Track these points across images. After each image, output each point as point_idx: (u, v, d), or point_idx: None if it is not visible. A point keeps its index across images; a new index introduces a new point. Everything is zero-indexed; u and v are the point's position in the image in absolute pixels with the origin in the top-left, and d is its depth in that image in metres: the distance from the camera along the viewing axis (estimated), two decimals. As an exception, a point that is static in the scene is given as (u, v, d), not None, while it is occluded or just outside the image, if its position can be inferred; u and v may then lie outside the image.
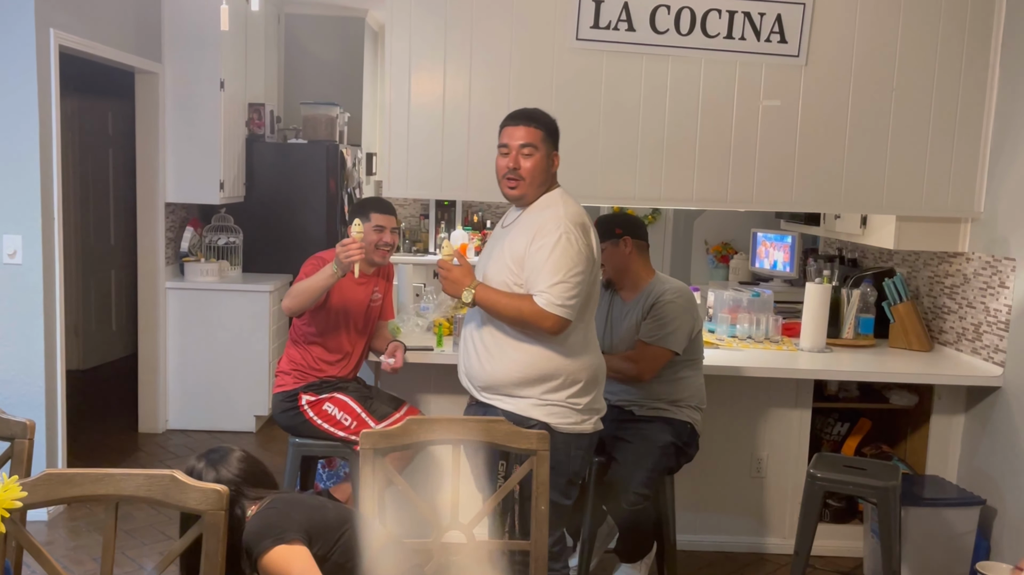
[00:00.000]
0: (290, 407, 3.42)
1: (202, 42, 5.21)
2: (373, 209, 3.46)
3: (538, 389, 2.62)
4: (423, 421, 2.10)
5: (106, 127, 6.97)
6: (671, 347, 3.11)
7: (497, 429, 2.11)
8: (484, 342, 2.70)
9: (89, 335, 6.89)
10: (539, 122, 2.68)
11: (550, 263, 2.53)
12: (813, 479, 3.15)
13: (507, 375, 2.63)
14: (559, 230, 2.54)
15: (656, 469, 3.07)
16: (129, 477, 1.69)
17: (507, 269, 2.64)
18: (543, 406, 2.62)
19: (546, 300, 2.52)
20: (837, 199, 3.81)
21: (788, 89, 3.73)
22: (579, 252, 2.54)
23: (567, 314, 2.53)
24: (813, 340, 3.93)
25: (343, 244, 3.09)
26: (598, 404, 2.72)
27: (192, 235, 5.57)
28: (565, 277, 2.52)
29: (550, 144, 2.69)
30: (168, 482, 1.69)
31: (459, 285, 2.66)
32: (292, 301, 3.28)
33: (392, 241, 3.48)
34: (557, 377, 2.61)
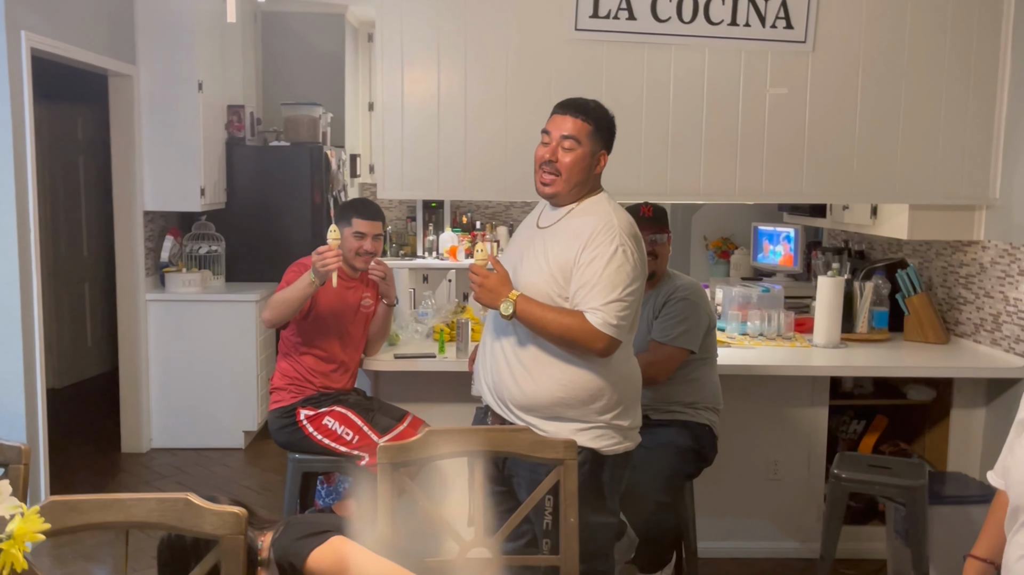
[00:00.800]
0: (288, 423, 3.37)
1: (178, 42, 5.15)
2: (355, 213, 3.40)
3: (581, 411, 2.45)
4: (443, 432, 2.06)
5: (75, 134, 6.87)
6: (687, 346, 3.08)
7: (520, 439, 2.08)
8: (520, 358, 2.50)
9: (63, 352, 6.79)
10: (590, 115, 2.50)
11: (605, 278, 2.37)
12: (838, 480, 3.14)
13: (549, 396, 2.45)
14: (615, 242, 2.39)
15: (676, 475, 3.05)
16: (140, 502, 1.64)
17: (552, 280, 2.45)
18: (587, 430, 2.45)
19: (601, 319, 2.35)
20: (849, 189, 3.80)
21: (795, 76, 3.72)
22: (634, 267, 2.40)
23: (618, 334, 2.38)
24: (828, 335, 3.92)
25: (319, 252, 3.04)
26: (638, 422, 2.60)
27: (172, 244, 5.49)
28: (621, 295, 2.37)
29: (598, 142, 2.50)
30: (182, 506, 1.65)
31: (496, 295, 2.46)
32: (271, 312, 3.22)
33: (373, 249, 3.41)
34: (600, 398, 2.45)
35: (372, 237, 3.41)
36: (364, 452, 3.30)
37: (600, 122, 2.52)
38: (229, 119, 5.76)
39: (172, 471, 5.00)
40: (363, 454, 3.30)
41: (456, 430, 2.10)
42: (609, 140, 2.55)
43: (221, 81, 5.63)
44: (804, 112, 3.74)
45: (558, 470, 2.07)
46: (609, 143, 2.56)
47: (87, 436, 5.59)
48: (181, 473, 4.97)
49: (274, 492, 4.64)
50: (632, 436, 2.56)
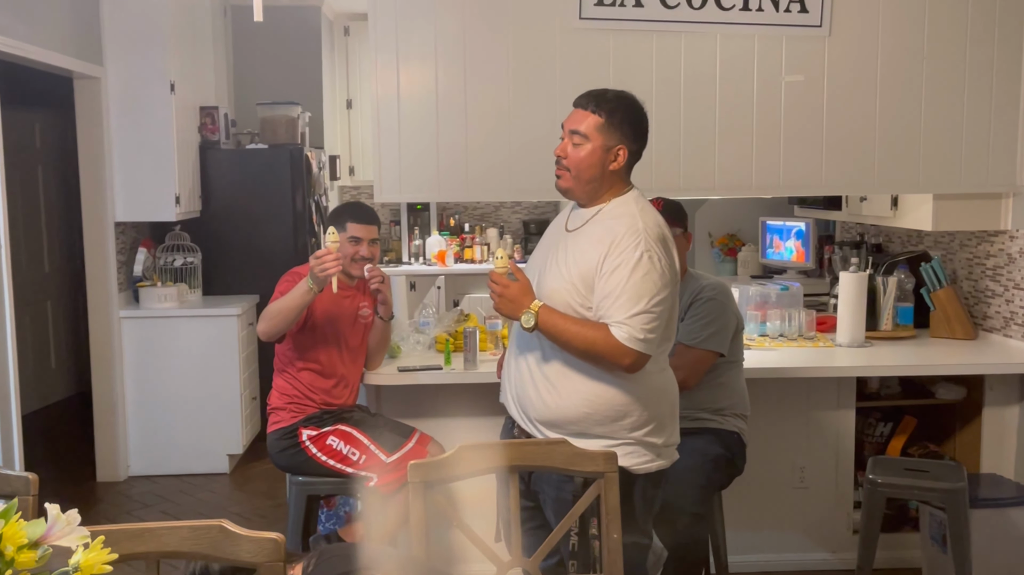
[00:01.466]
0: (289, 445, 3.37)
1: (148, 41, 5.13)
2: (350, 218, 3.42)
3: (609, 427, 2.45)
4: (476, 447, 2.08)
5: (33, 141, 6.83)
6: (716, 349, 3.12)
7: (557, 452, 2.10)
8: (544, 372, 2.49)
9: (26, 376, 6.70)
10: (602, 108, 2.46)
11: (630, 288, 2.34)
12: (874, 485, 3.18)
13: (574, 412, 2.44)
14: (639, 248, 2.36)
15: (708, 486, 3.08)
16: (172, 531, 1.65)
17: (573, 289, 2.44)
18: (617, 446, 2.41)
19: (627, 334, 2.33)
20: (870, 180, 3.86)
21: (811, 63, 3.78)
22: (662, 275, 2.36)
23: (647, 349, 2.36)
24: (852, 334, 3.97)
25: (317, 256, 3.06)
26: (675, 438, 2.59)
27: (146, 257, 5.47)
28: (648, 306, 2.34)
29: (612, 136, 2.46)
30: (216, 533, 1.65)
31: (518, 306, 2.44)
32: (267, 324, 3.23)
33: (369, 255, 3.43)
34: (630, 414, 2.45)
35: (368, 242, 3.43)
36: (372, 472, 3.31)
37: (615, 114, 2.48)
38: (202, 121, 5.75)
39: (154, 500, 4.98)
40: (371, 474, 3.31)
41: (490, 444, 2.12)
42: (631, 133, 2.50)
43: (193, 81, 5.62)
44: (821, 100, 3.79)
45: (598, 484, 2.09)
46: (632, 136, 2.50)
47: (58, 465, 5.55)
48: (164, 502, 4.94)
49: (267, 519, 4.63)
50: (667, 454, 2.56)
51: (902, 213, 4.27)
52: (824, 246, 5.93)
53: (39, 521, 1.07)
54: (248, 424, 5.49)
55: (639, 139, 2.52)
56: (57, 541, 1.06)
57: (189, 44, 5.58)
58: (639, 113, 2.53)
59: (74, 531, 1.06)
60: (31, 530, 1.04)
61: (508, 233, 7.58)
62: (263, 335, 3.26)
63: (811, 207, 5.61)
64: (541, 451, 2.11)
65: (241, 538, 1.66)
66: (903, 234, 4.93)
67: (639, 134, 2.52)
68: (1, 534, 1.01)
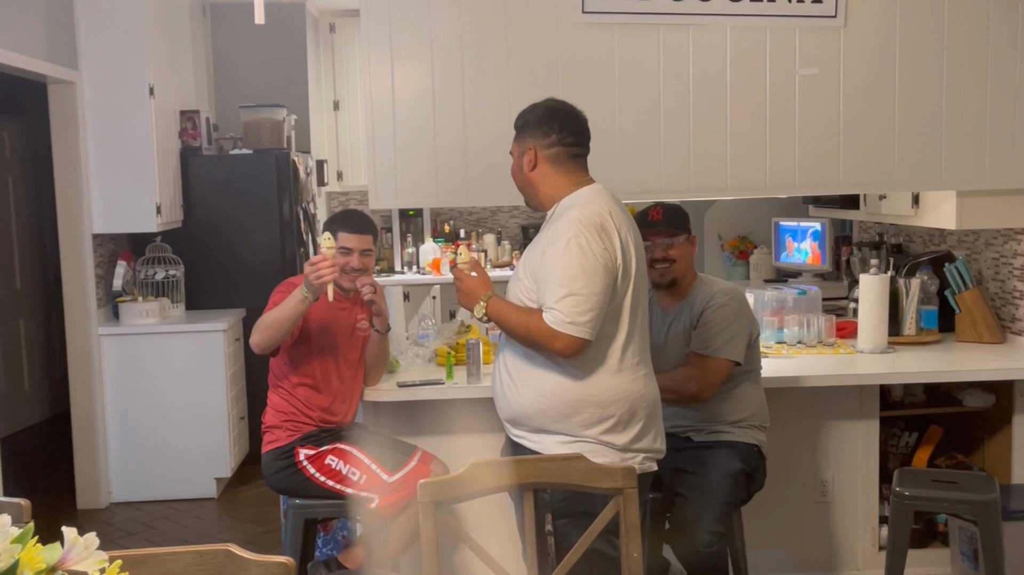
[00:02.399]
0: (286, 465, 3.39)
1: (124, 43, 5.18)
2: (341, 227, 3.44)
3: (564, 424, 2.64)
4: (489, 464, 2.12)
5: (2, 150, 6.87)
6: (731, 357, 3.16)
7: (574, 468, 2.14)
8: (508, 369, 2.76)
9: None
10: (516, 123, 2.83)
11: (557, 273, 2.56)
12: (900, 498, 3.22)
13: (530, 407, 2.68)
14: (567, 234, 2.58)
15: (729, 502, 3.11)
16: (177, 556, 1.68)
17: (522, 283, 2.71)
18: (571, 444, 2.62)
19: (555, 317, 2.55)
20: (890, 177, 3.90)
21: (826, 55, 3.81)
22: (592, 258, 2.55)
23: (580, 332, 2.54)
24: (874, 340, 4.01)
25: (312, 263, 3.08)
26: (645, 443, 2.71)
27: (125, 270, 5.51)
28: (575, 289, 2.53)
29: (522, 142, 2.79)
30: (223, 558, 1.69)
31: (472, 297, 2.74)
32: (260, 336, 3.26)
33: (361, 266, 3.46)
34: (583, 410, 2.63)
35: (360, 253, 3.45)
36: (373, 493, 3.34)
37: (517, 123, 2.83)
38: (183, 126, 5.79)
39: (138, 527, 5.00)
40: (372, 495, 3.34)
41: (503, 461, 2.15)
42: (538, 131, 2.75)
43: (172, 84, 5.66)
44: (837, 94, 3.83)
45: (616, 501, 2.13)
46: (542, 133, 2.75)
47: (35, 492, 5.55)
48: (149, 529, 4.97)
49: (258, 546, 4.65)
50: (633, 459, 2.65)
51: (924, 211, 4.31)
52: (841, 247, 5.98)
53: (55, 546, 1.11)
54: (236, 446, 5.51)
55: (549, 134, 2.75)
56: (75, 566, 1.09)
57: (167, 45, 5.62)
58: (544, 111, 2.79)
59: (92, 555, 1.10)
60: (48, 555, 1.07)
61: (506, 238, 7.62)
62: (256, 347, 3.29)
63: (827, 206, 5.66)
64: (557, 467, 2.15)
65: (249, 563, 1.69)
66: (925, 233, 4.98)
67: (548, 130, 2.75)
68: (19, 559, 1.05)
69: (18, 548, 1.06)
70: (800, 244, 6.09)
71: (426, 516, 2.06)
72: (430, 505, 2.07)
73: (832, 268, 6.00)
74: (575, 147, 2.77)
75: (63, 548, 1.10)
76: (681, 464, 3.20)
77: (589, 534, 2.13)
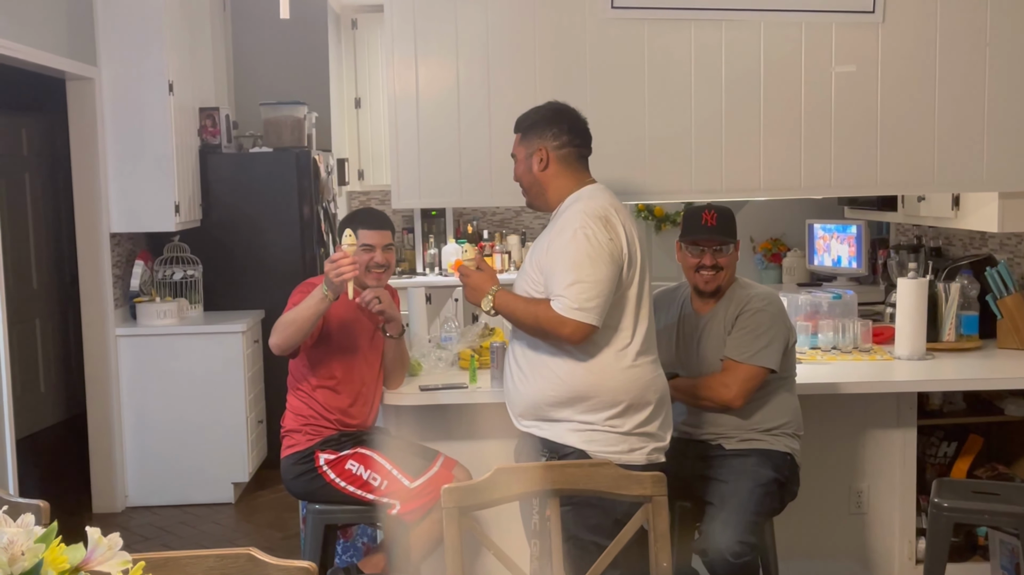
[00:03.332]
0: (306, 470, 3.42)
1: (144, 39, 5.23)
2: (360, 224, 3.46)
3: (572, 410, 2.79)
4: (514, 470, 2.12)
5: (20, 148, 6.95)
6: (766, 364, 3.15)
7: (602, 474, 2.14)
8: (519, 362, 2.92)
9: (14, 399, 6.81)
10: (520, 125, 2.97)
11: (563, 262, 2.72)
12: (939, 510, 3.20)
13: (541, 396, 2.83)
14: (573, 226, 2.74)
15: (760, 512, 3.10)
16: (198, 559, 1.70)
17: (529, 277, 2.87)
18: (580, 431, 2.78)
19: (562, 304, 2.69)
20: (929, 177, 3.87)
21: (864, 52, 3.80)
22: (599, 247, 2.70)
23: (587, 318, 2.68)
24: (912, 346, 3.99)
25: (332, 260, 3.10)
26: (652, 429, 2.84)
27: (143, 270, 5.56)
28: (582, 276, 2.69)
29: (529, 144, 2.91)
30: (244, 562, 1.70)
31: (479, 292, 2.89)
32: (280, 336, 3.27)
33: (385, 262, 3.48)
34: (591, 396, 2.78)
35: (382, 248, 3.47)
36: (394, 499, 3.35)
37: (523, 124, 2.96)
38: (202, 124, 5.84)
39: (154, 532, 5.04)
40: (393, 501, 3.35)
41: (528, 466, 2.17)
42: (546, 132, 2.88)
43: (192, 81, 5.71)
44: (875, 92, 3.82)
45: (646, 508, 2.13)
46: (551, 134, 2.88)
47: (51, 495, 5.55)
48: (165, 534, 5.01)
49: (277, 552, 4.61)
50: (642, 449, 2.78)
51: (964, 213, 4.29)
52: (878, 250, 5.95)
53: (79, 546, 1.12)
54: (254, 450, 5.55)
55: (558, 135, 2.89)
56: (99, 566, 1.11)
57: (187, 41, 5.67)
58: (552, 113, 2.93)
59: (116, 556, 1.11)
60: (72, 555, 1.09)
61: (531, 240, 7.63)
62: (276, 348, 3.30)
63: (863, 208, 5.64)
64: (584, 473, 2.16)
65: (270, 567, 1.71)
66: (965, 236, 4.95)
67: (559, 131, 2.90)
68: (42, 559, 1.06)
69: (42, 548, 1.08)
70: (835, 247, 6.06)
71: (450, 522, 2.07)
72: (454, 511, 2.08)
73: (868, 272, 5.97)
74: (582, 147, 2.94)
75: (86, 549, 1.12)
76: (712, 472, 3.20)
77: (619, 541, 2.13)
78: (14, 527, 1.11)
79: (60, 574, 1.08)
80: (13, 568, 1.05)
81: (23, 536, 1.08)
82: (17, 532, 1.08)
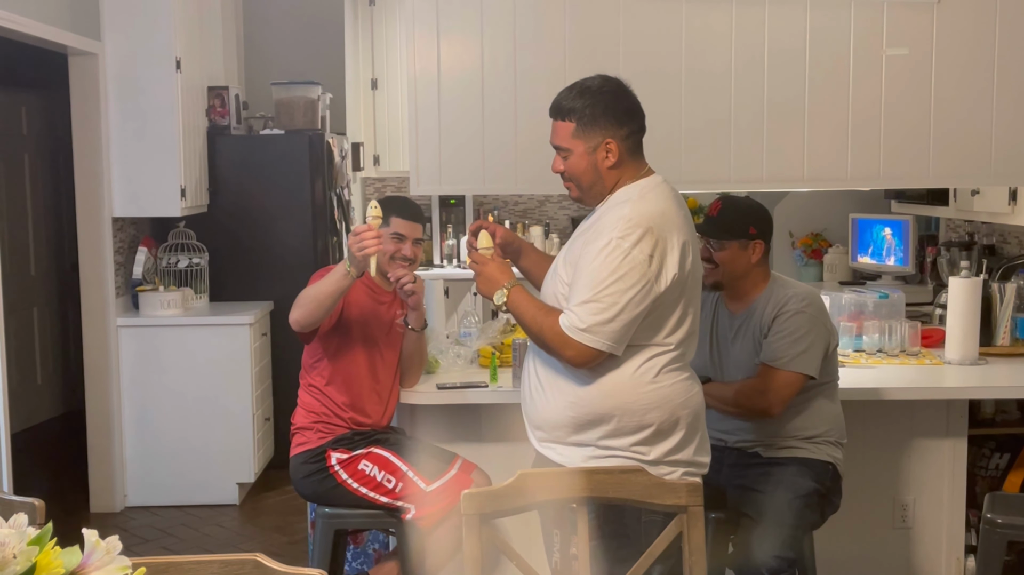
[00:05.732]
0: (317, 470, 3.40)
1: (151, 13, 5.23)
2: (396, 212, 3.46)
3: (594, 434, 2.60)
4: (539, 475, 2.10)
5: (19, 127, 6.97)
6: (805, 371, 3.11)
7: (633, 482, 2.11)
8: (537, 373, 2.73)
9: (9, 392, 6.84)
10: (566, 112, 2.66)
11: (587, 273, 2.53)
12: (992, 526, 3.15)
13: (559, 416, 2.65)
14: (612, 233, 2.53)
15: (800, 525, 3.07)
16: (202, 565, 1.68)
17: (558, 277, 2.68)
18: (600, 459, 2.58)
19: (569, 322, 2.52)
20: (985, 170, 3.83)
21: (917, 34, 3.76)
22: (631, 264, 2.50)
23: (594, 342, 2.50)
24: (963, 349, 3.93)
25: (355, 232, 3.05)
26: (685, 456, 2.65)
27: (146, 257, 5.56)
28: (600, 295, 2.49)
29: (591, 135, 2.63)
30: (251, 568, 1.69)
31: (494, 283, 2.71)
32: (300, 311, 3.26)
33: (413, 255, 3.48)
34: (612, 418, 2.59)
35: (412, 241, 3.47)
36: (409, 503, 3.34)
37: (582, 114, 2.63)
38: (211, 103, 5.83)
39: (155, 534, 5.05)
40: (408, 505, 3.34)
41: (554, 472, 2.14)
42: (612, 121, 2.63)
43: (200, 58, 5.71)
44: (929, 77, 3.77)
45: (680, 519, 2.10)
46: (615, 123, 2.63)
47: (46, 494, 5.61)
48: (166, 536, 5.01)
49: (283, 558, 4.61)
50: (671, 474, 2.59)
51: (1022, 208, 4.23)
52: (926, 247, 5.89)
53: (74, 549, 1.10)
54: (261, 449, 5.55)
55: (625, 122, 2.66)
56: (95, 571, 1.09)
57: (196, 17, 5.67)
58: (611, 97, 2.66)
59: (115, 561, 1.09)
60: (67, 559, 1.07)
61: (554, 231, 7.60)
62: (295, 324, 3.29)
63: (911, 202, 5.58)
64: (615, 480, 2.13)
65: (278, 574, 1.69)
66: (1022, 233, 4.89)
67: (622, 118, 2.66)
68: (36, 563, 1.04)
69: (35, 551, 1.06)
70: (880, 243, 6.01)
71: (470, 530, 2.05)
72: (475, 518, 2.05)
73: (916, 271, 5.91)
74: (642, 132, 2.73)
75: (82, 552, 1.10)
76: (748, 482, 3.16)
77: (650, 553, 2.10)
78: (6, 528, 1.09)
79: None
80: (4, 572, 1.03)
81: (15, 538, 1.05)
82: (9, 533, 1.06)
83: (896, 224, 5.91)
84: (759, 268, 3.26)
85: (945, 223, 5.81)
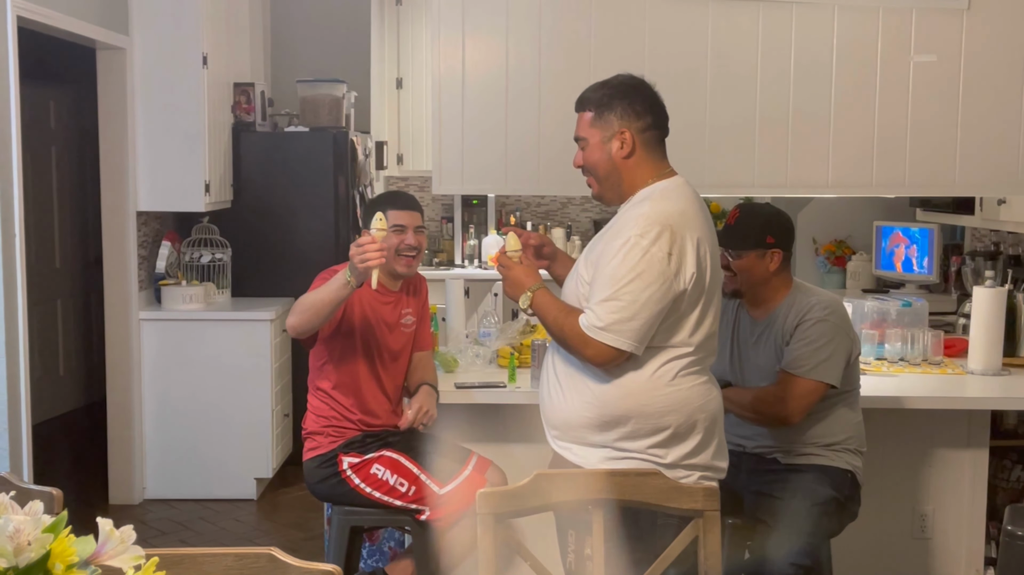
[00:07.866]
0: (329, 474, 3.39)
1: (179, 8, 5.25)
2: (389, 205, 3.43)
3: (611, 435, 2.61)
4: (554, 477, 2.09)
5: (47, 120, 7.02)
6: (826, 379, 3.08)
7: (650, 484, 2.10)
8: (557, 373, 2.74)
9: (32, 383, 6.88)
10: (590, 102, 2.68)
11: (607, 272, 2.54)
12: (1013, 539, 3.11)
13: (576, 416, 2.65)
14: (632, 231, 2.53)
15: (817, 533, 3.04)
16: (216, 558, 1.69)
17: (579, 278, 2.68)
18: (616, 460, 2.59)
19: (588, 321, 2.54)
20: (1013, 179, 3.81)
21: (946, 41, 3.74)
22: (651, 263, 2.50)
23: (614, 341, 2.51)
24: (987, 360, 3.89)
25: (358, 244, 3.00)
26: (702, 460, 2.65)
27: (169, 252, 5.59)
28: (619, 294, 2.50)
29: (607, 124, 2.64)
30: (265, 562, 1.69)
31: (519, 286, 2.74)
32: (297, 317, 3.22)
33: (417, 243, 3.44)
34: (629, 420, 2.59)
35: (414, 229, 3.42)
36: (423, 505, 3.33)
37: (599, 103, 2.65)
38: (236, 100, 5.86)
39: (172, 527, 5.07)
40: (422, 507, 3.33)
41: (571, 473, 2.13)
42: (629, 111, 2.63)
43: (227, 55, 5.74)
44: (957, 84, 3.75)
45: (696, 523, 2.09)
46: (632, 114, 2.63)
47: (66, 484, 5.61)
48: (183, 529, 5.03)
49: (299, 554, 4.60)
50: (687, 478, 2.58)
51: (1049, 219, 4.20)
52: (951, 256, 5.85)
53: (88, 538, 1.10)
54: (279, 444, 5.56)
55: (642, 115, 2.65)
56: (109, 561, 1.09)
57: (223, 13, 5.70)
58: (631, 88, 2.67)
59: (128, 551, 1.09)
60: (81, 547, 1.07)
61: (576, 233, 7.58)
62: (291, 330, 3.27)
63: (936, 210, 5.54)
64: (631, 483, 2.12)
65: (293, 569, 1.69)
66: (1048, 244, 4.84)
67: (639, 110, 2.65)
68: (49, 550, 1.04)
69: (50, 538, 1.06)
70: (905, 251, 5.96)
71: (485, 530, 2.04)
72: (490, 518, 2.05)
73: (940, 279, 5.87)
74: (663, 130, 2.72)
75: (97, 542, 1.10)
76: (766, 488, 3.14)
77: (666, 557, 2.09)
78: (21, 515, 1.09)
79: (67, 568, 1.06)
80: (19, 559, 1.03)
81: (30, 525, 1.06)
82: (24, 520, 1.06)
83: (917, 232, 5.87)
84: (779, 276, 3.23)
85: (970, 232, 5.76)
